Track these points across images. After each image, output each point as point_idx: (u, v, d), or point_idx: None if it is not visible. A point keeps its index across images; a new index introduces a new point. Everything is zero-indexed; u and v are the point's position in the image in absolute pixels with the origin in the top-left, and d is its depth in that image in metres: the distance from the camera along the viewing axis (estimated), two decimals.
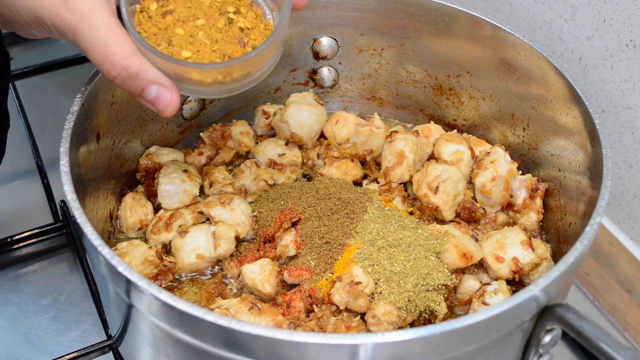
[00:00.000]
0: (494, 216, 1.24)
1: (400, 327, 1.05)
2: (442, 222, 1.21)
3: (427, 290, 1.08)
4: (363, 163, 1.32)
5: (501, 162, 1.23)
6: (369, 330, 1.05)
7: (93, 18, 0.89)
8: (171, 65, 0.92)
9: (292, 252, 1.14)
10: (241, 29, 0.96)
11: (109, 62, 0.90)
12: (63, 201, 1.30)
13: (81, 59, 1.55)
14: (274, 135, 1.36)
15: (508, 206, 1.24)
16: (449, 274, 1.11)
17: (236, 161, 1.34)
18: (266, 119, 1.36)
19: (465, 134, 1.36)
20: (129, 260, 1.11)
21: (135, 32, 0.91)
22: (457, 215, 1.22)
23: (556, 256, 1.19)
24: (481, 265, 1.17)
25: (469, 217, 1.22)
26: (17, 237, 1.28)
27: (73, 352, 1.13)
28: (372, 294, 1.07)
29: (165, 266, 1.13)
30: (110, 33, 0.89)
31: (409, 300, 1.06)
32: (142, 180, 1.27)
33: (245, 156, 1.35)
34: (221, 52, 0.95)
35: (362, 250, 1.11)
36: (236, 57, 0.94)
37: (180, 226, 1.19)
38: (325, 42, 1.40)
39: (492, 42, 1.26)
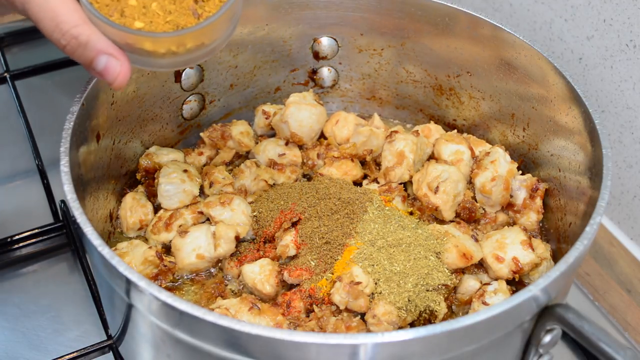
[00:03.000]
0: (494, 216, 1.24)
1: (400, 327, 1.05)
2: (442, 222, 1.21)
3: (427, 290, 1.08)
4: (363, 163, 1.32)
5: (501, 162, 1.23)
6: (369, 330, 1.05)
7: None
8: (123, 34, 0.90)
9: (292, 252, 1.14)
10: (195, 1, 0.95)
11: (59, 31, 0.88)
12: (63, 201, 1.30)
13: None
14: (274, 135, 1.36)
15: (508, 206, 1.24)
16: (449, 274, 1.11)
17: (236, 161, 1.34)
18: (266, 119, 1.36)
19: (465, 134, 1.36)
20: (129, 260, 1.11)
21: (87, 1, 0.90)
22: (457, 215, 1.22)
23: (556, 256, 1.19)
24: (481, 265, 1.17)
25: (469, 217, 1.22)
26: (17, 237, 1.28)
27: (73, 352, 1.13)
28: (372, 294, 1.07)
29: (165, 266, 1.13)
30: (59, 1, 0.88)
31: (409, 300, 1.06)
32: (142, 180, 1.27)
33: (245, 156, 1.35)
34: (174, 23, 0.93)
35: (362, 250, 1.11)
36: (189, 27, 0.93)
37: (180, 226, 1.19)
38: (325, 42, 1.40)
39: (492, 42, 1.26)
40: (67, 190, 0.96)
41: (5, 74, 1.51)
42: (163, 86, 1.28)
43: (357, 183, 1.29)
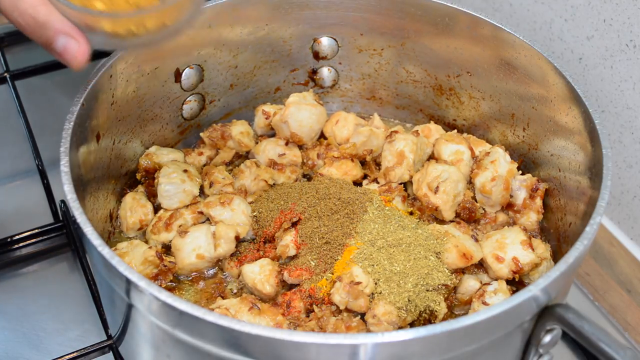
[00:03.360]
0: (494, 216, 1.24)
1: (400, 327, 1.05)
2: (442, 222, 1.21)
3: (427, 290, 1.08)
4: (363, 163, 1.32)
5: (501, 162, 1.23)
6: (369, 330, 1.05)
7: None
8: (82, 15, 0.90)
9: (292, 252, 1.14)
10: None
11: (17, 11, 0.89)
12: (63, 201, 1.30)
13: None
14: (274, 135, 1.36)
15: (508, 206, 1.24)
16: (449, 274, 1.11)
17: (236, 161, 1.34)
18: (266, 119, 1.36)
19: (465, 134, 1.36)
20: (129, 260, 1.11)
21: None
22: (457, 215, 1.22)
23: (556, 256, 1.19)
24: (481, 265, 1.17)
25: (469, 217, 1.22)
26: (17, 237, 1.28)
27: (73, 352, 1.13)
28: (372, 294, 1.07)
29: (165, 266, 1.13)
30: None
31: (409, 300, 1.06)
32: (142, 180, 1.27)
33: (245, 156, 1.35)
34: (136, 4, 0.93)
35: (362, 250, 1.11)
36: (149, 8, 0.93)
37: (180, 226, 1.19)
38: (325, 42, 1.40)
39: (492, 42, 1.26)
40: (67, 190, 0.96)
41: (5, 74, 1.51)
42: (163, 86, 1.28)
43: (357, 183, 1.29)
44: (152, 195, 1.24)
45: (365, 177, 1.31)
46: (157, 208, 1.24)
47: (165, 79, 1.27)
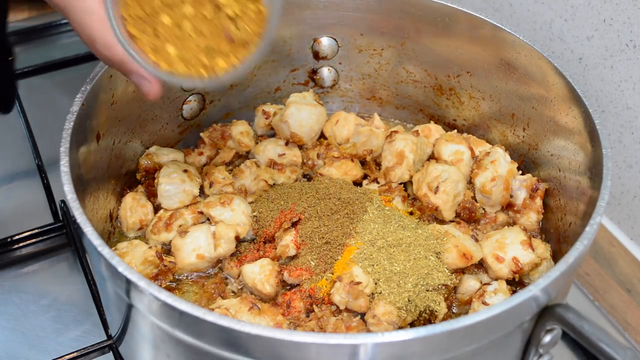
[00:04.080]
0: (494, 216, 1.24)
1: (400, 327, 1.05)
2: (442, 222, 1.21)
3: (427, 290, 1.08)
4: (363, 163, 1.32)
5: (501, 162, 1.23)
6: (369, 330, 1.05)
7: (86, 1, 0.93)
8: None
9: (292, 252, 1.14)
10: (230, 17, 0.95)
11: (94, 49, 0.96)
12: (63, 201, 1.30)
13: (81, 59, 1.55)
14: (274, 135, 1.36)
15: (508, 206, 1.24)
16: (449, 274, 1.11)
17: (236, 161, 1.34)
18: (266, 119, 1.36)
19: (465, 134, 1.36)
20: (129, 260, 1.11)
21: (122, 37, 0.92)
22: (457, 215, 1.22)
23: (556, 256, 1.19)
24: (481, 265, 1.17)
25: (469, 217, 1.22)
26: (17, 237, 1.28)
27: (73, 352, 1.13)
28: (372, 294, 1.07)
29: (165, 266, 1.13)
30: (95, 20, 0.93)
31: (409, 300, 1.06)
32: (142, 180, 1.27)
33: (245, 156, 1.35)
34: (207, 47, 0.95)
35: (362, 250, 1.11)
36: (221, 74, 0.96)
37: (180, 226, 1.19)
38: (325, 42, 1.40)
39: (492, 42, 1.26)
40: (67, 190, 0.96)
41: None
42: (163, 86, 1.27)
43: (357, 183, 1.29)
44: (152, 195, 1.24)
45: (365, 177, 1.31)
46: (157, 208, 1.24)
47: None
